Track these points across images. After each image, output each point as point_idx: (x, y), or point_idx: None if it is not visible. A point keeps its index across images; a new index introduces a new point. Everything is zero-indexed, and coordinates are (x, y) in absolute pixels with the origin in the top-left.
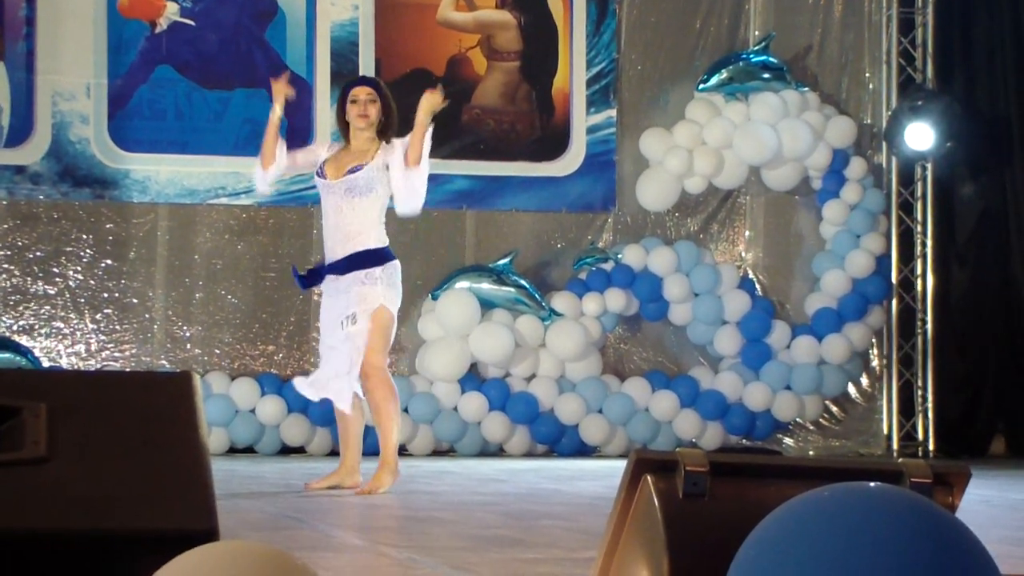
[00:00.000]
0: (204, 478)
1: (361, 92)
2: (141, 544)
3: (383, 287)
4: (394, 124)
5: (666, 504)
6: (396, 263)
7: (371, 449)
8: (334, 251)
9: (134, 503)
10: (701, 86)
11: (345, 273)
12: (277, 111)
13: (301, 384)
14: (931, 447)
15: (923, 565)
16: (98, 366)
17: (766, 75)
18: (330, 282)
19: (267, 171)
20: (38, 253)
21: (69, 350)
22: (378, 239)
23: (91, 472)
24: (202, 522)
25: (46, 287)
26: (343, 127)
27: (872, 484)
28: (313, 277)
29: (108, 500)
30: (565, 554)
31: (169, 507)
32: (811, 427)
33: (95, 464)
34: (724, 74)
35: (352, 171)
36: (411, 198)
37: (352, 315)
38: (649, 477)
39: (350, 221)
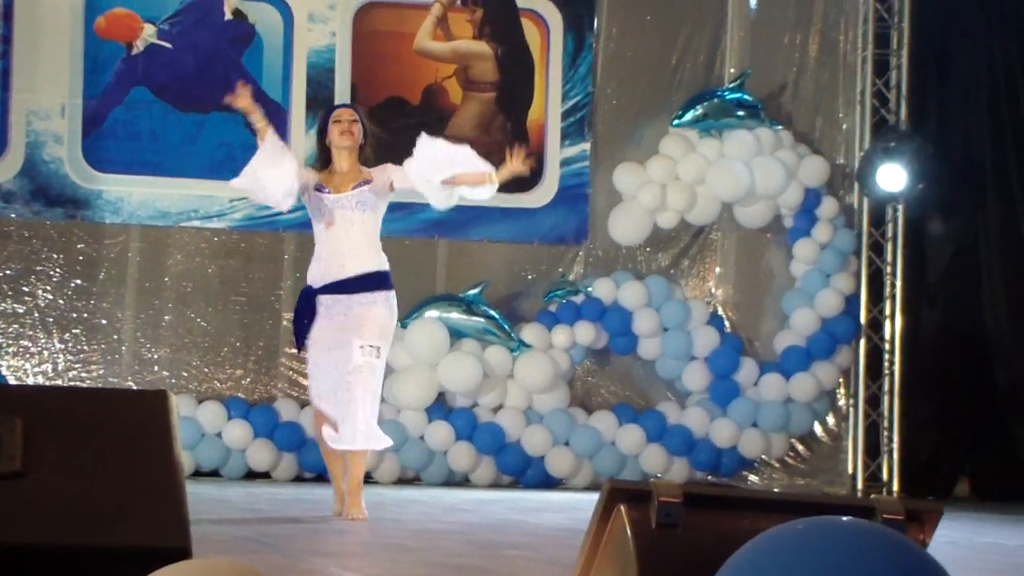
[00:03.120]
0: (178, 496)
1: (344, 113)
2: (115, 560)
3: (393, 316)
4: (369, 149)
5: (639, 534)
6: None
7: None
8: (341, 267)
9: (109, 519)
10: (676, 121)
11: (356, 292)
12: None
13: (334, 438)
14: (896, 487)
15: None
16: (64, 385)
17: (741, 112)
18: (329, 300)
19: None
20: (8, 271)
21: (36, 369)
22: (382, 262)
23: (66, 487)
24: (176, 540)
25: (15, 306)
26: (324, 152)
27: (845, 518)
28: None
29: (83, 516)
30: None
31: (144, 524)
32: (777, 465)
33: (70, 480)
34: (699, 110)
35: (358, 186)
36: (448, 199)
37: (377, 348)
38: (622, 507)
39: (362, 234)
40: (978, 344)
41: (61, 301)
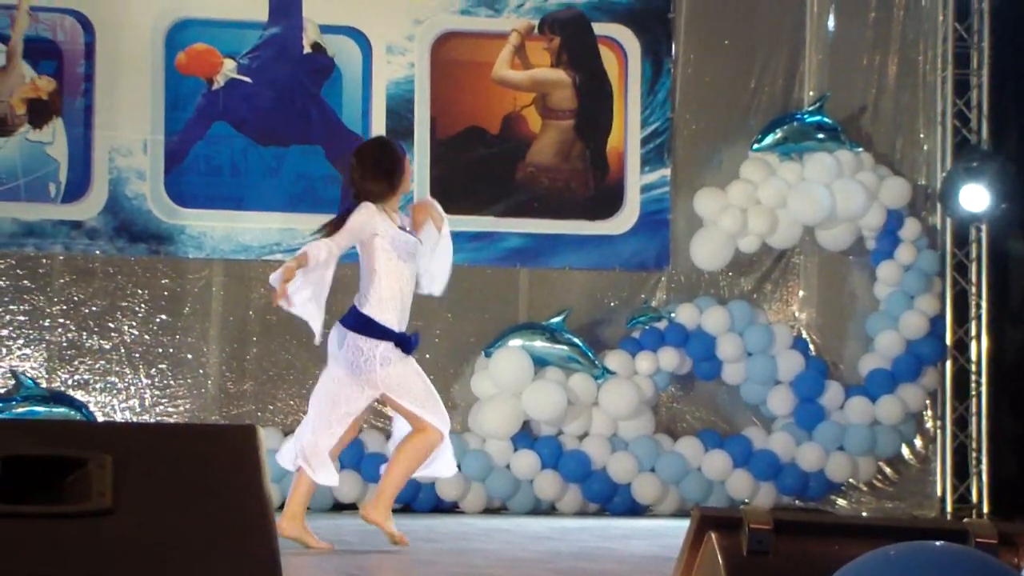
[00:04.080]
0: (268, 532)
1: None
2: None
3: None
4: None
5: (730, 561)
6: None
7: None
8: (405, 319)
9: (199, 556)
10: (755, 145)
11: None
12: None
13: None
14: (985, 509)
15: None
16: (152, 421)
17: (820, 135)
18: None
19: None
20: (93, 308)
21: (123, 404)
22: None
23: (156, 524)
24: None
25: (101, 342)
26: (393, 189)
27: (938, 543)
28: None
29: (173, 552)
30: None
31: (234, 561)
32: (864, 488)
33: (160, 516)
34: (778, 134)
35: (398, 231)
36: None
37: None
38: (713, 534)
39: (406, 288)
40: None
41: (147, 336)
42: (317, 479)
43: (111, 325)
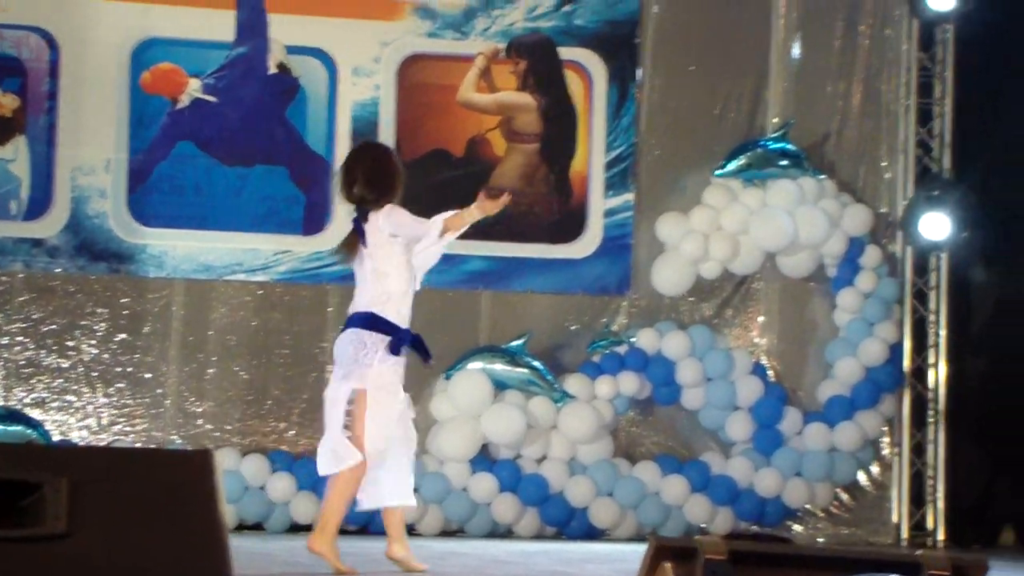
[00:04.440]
0: (223, 556)
1: None
2: None
3: None
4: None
5: None
6: None
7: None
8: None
9: None
10: (719, 171)
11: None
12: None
13: None
14: (941, 537)
15: None
16: (109, 440)
17: (784, 162)
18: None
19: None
20: (53, 326)
21: (80, 424)
22: None
23: (112, 548)
24: None
25: (59, 360)
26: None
27: None
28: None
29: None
30: None
31: None
32: (821, 514)
33: (116, 540)
34: (742, 160)
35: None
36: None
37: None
38: (668, 564)
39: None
40: (1021, 392)
41: (105, 355)
42: (353, 462)
43: (70, 344)
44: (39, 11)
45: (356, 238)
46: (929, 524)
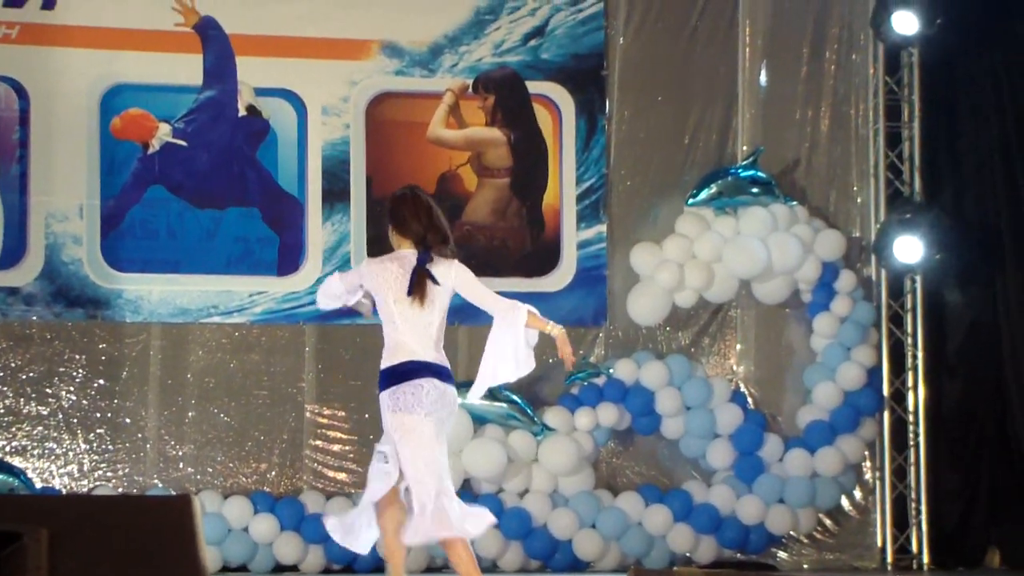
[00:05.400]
0: None
1: None
2: None
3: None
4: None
5: None
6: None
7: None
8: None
9: None
10: (690, 200)
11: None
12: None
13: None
14: (925, 560)
15: None
16: (91, 486)
17: (755, 189)
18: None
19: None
20: (31, 374)
21: (62, 470)
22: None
23: None
24: None
25: (39, 408)
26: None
27: None
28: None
29: None
30: None
31: None
32: (805, 540)
33: None
34: (713, 188)
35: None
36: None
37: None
38: None
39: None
40: (1001, 411)
41: (85, 401)
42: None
43: (49, 391)
44: (8, 60)
45: (426, 279)
46: (914, 547)
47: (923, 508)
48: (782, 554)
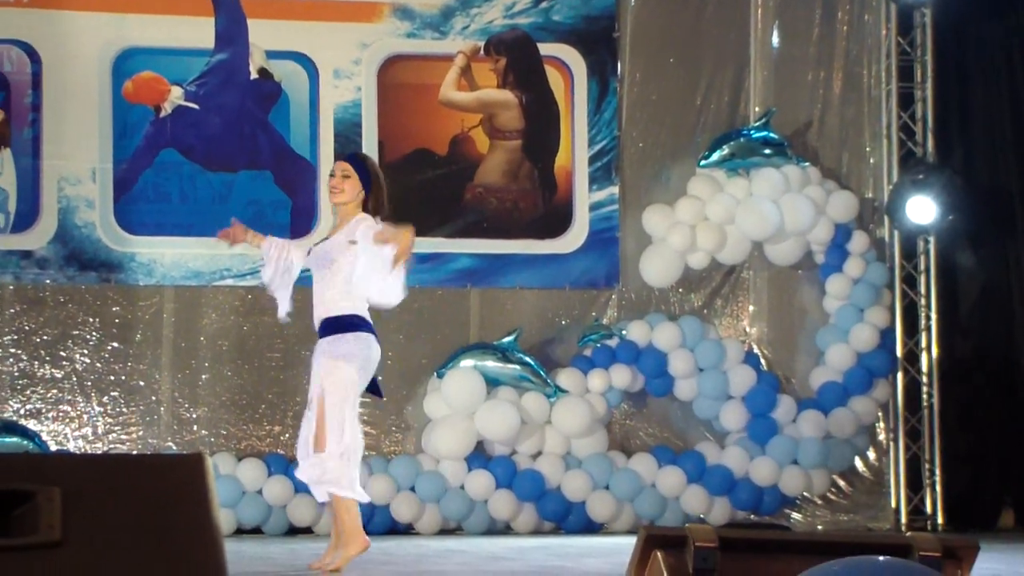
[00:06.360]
0: (218, 561)
1: (336, 167)
2: None
3: (345, 357)
4: (382, 200)
5: None
6: (362, 334)
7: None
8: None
9: None
10: (702, 162)
11: (321, 338)
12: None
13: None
14: (940, 521)
15: None
16: (105, 449)
17: (767, 151)
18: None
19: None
20: (45, 337)
21: (76, 433)
22: (347, 307)
23: (106, 556)
24: None
25: (53, 371)
26: None
27: (881, 558)
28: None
29: None
30: None
31: None
32: (819, 501)
33: (110, 548)
34: (725, 150)
35: (318, 243)
36: (385, 295)
37: (323, 391)
38: (659, 553)
39: (320, 291)
40: (1013, 372)
41: (98, 364)
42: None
43: (63, 354)
44: (19, 24)
45: None
46: (928, 508)
47: (937, 469)
48: (796, 515)
